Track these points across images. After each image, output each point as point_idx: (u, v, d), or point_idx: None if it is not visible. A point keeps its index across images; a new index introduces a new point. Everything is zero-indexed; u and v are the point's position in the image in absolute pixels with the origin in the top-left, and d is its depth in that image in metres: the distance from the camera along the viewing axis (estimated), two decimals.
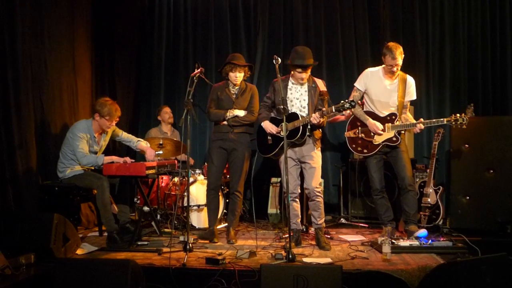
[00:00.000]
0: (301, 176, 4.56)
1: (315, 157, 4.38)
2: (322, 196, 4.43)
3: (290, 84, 4.43)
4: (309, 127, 4.23)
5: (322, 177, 4.54)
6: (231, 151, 4.70)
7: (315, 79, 4.43)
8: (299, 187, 4.51)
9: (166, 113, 6.21)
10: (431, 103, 6.36)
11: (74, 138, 4.62)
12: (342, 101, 4.10)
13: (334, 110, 4.12)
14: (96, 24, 6.03)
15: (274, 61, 4.05)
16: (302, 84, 4.40)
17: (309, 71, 4.32)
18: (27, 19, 4.65)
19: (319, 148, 4.44)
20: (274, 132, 4.38)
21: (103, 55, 6.23)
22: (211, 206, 4.77)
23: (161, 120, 6.23)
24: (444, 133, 5.19)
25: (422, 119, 4.53)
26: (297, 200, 4.50)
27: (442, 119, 4.44)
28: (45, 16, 4.94)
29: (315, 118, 4.17)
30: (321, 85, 4.40)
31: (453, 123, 4.36)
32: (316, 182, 4.36)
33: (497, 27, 6.22)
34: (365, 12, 6.53)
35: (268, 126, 4.42)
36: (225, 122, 4.65)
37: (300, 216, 4.57)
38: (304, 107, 4.37)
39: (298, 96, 4.39)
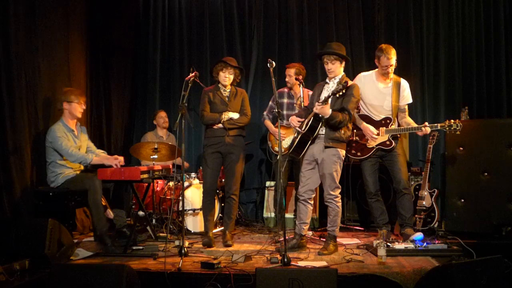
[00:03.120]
0: None
1: (326, 160, 4.19)
2: (336, 203, 4.24)
3: (326, 84, 4.39)
4: (323, 120, 4.12)
5: None
6: (226, 155, 4.68)
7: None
8: (310, 192, 4.36)
9: (161, 117, 6.21)
10: (426, 106, 6.36)
11: (54, 142, 4.58)
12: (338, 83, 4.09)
13: (330, 94, 4.04)
14: (91, 29, 6.02)
15: (268, 64, 4.07)
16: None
17: (335, 63, 4.23)
18: (21, 24, 4.63)
19: (336, 150, 4.17)
20: (296, 126, 4.29)
21: (98, 60, 6.22)
22: (207, 211, 4.73)
23: (156, 124, 6.23)
24: (439, 136, 5.19)
25: (426, 123, 4.44)
26: (306, 203, 4.36)
27: (436, 124, 4.43)
28: (39, 21, 4.92)
29: (316, 107, 4.07)
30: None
31: (447, 128, 4.35)
32: (326, 187, 4.24)
33: (491, 31, 6.23)
34: (360, 16, 6.54)
35: (292, 119, 4.33)
36: (219, 125, 4.63)
37: (305, 221, 4.39)
38: None
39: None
